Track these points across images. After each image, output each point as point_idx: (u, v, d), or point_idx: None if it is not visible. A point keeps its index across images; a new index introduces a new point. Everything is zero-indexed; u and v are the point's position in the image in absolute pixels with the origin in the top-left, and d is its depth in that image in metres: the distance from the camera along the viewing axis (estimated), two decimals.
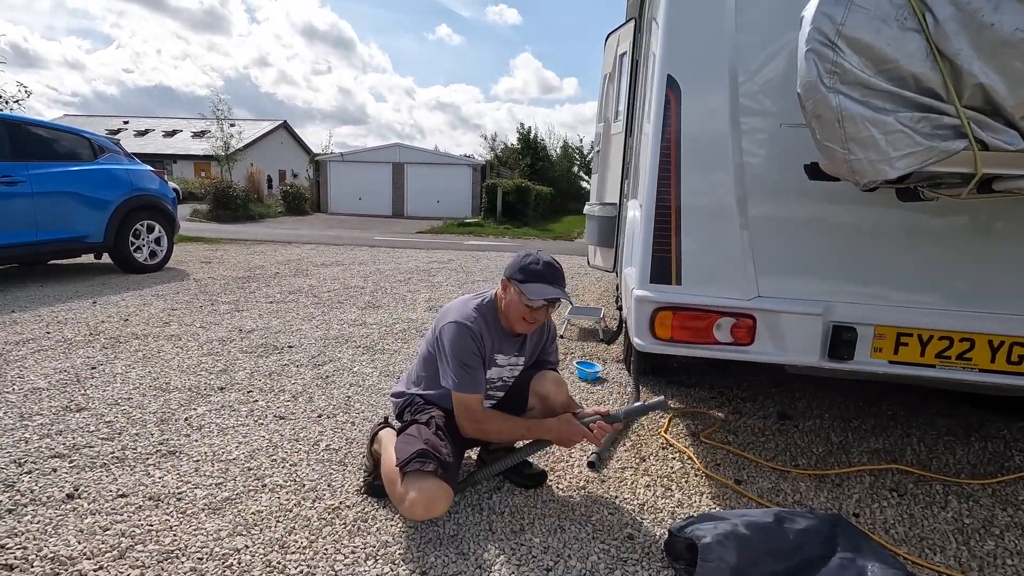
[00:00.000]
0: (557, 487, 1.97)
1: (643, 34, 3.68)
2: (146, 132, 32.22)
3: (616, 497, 1.91)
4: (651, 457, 2.23)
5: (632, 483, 2.02)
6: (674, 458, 2.23)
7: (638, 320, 2.03)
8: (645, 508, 1.85)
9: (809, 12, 1.32)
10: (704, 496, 1.95)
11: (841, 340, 1.91)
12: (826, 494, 1.99)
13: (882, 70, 1.26)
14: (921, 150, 1.25)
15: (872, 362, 1.93)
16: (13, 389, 2.61)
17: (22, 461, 1.96)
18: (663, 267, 2.01)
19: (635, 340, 2.08)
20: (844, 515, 1.84)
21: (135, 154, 6.32)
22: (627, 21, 4.31)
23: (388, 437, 1.84)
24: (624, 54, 4.26)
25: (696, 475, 2.09)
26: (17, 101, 9.28)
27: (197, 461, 2.03)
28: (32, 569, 1.43)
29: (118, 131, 30.20)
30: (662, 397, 1.83)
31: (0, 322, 3.74)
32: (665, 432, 2.45)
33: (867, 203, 1.88)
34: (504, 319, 1.84)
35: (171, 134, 32.10)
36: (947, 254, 1.89)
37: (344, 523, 1.69)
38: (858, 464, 2.22)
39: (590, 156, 32.45)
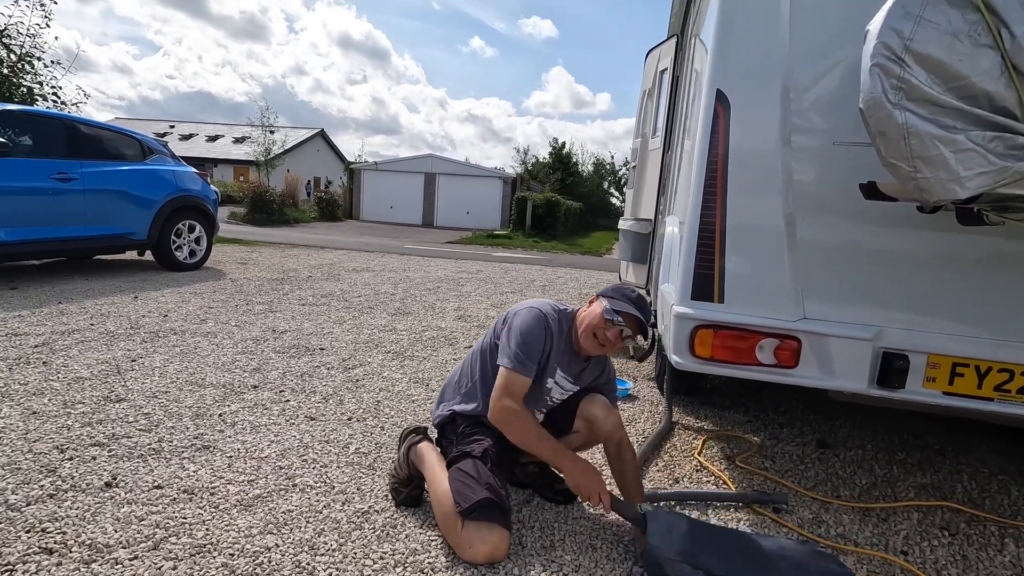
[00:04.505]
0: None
1: (685, 51, 3.66)
2: (190, 136, 33.44)
3: None
4: (684, 479, 2.17)
5: (665, 505, 1.95)
6: (708, 482, 2.16)
7: (677, 337, 1.98)
8: None
9: (875, 26, 1.28)
10: (741, 523, 1.87)
11: (892, 368, 1.83)
12: (871, 528, 1.89)
13: (952, 87, 1.21)
14: (994, 170, 1.19)
15: (924, 392, 1.84)
16: (58, 377, 2.69)
17: (64, 448, 2.01)
18: (705, 284, 1.96)
19: (673, 358, 2.03)
20: (892, 551, 1.75)
21: (180, 157, 6.54)
22: (668, 38, 4.30)
23: (434, 460, 1.79)
24: (664, 71, 4.24)
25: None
26: (75, 104, 9.73)
27: (230, 457, 2.05)
28: (71, 554, 1.46)
29: (164, 134, 31.45)
30: (787, 494, 1.90)
31: (48, 312, 3.88)
32: (699, 455, 2.38)
33: (923, 226, 1.81)
34: (575, 333, 1.84)
35: (213, 139, 33.23)
36: (1009, 282, 1.80)
37: (373, 528, 1.68)
38: (905, 499, 2.11)
39: (622, 172, 32.45)
